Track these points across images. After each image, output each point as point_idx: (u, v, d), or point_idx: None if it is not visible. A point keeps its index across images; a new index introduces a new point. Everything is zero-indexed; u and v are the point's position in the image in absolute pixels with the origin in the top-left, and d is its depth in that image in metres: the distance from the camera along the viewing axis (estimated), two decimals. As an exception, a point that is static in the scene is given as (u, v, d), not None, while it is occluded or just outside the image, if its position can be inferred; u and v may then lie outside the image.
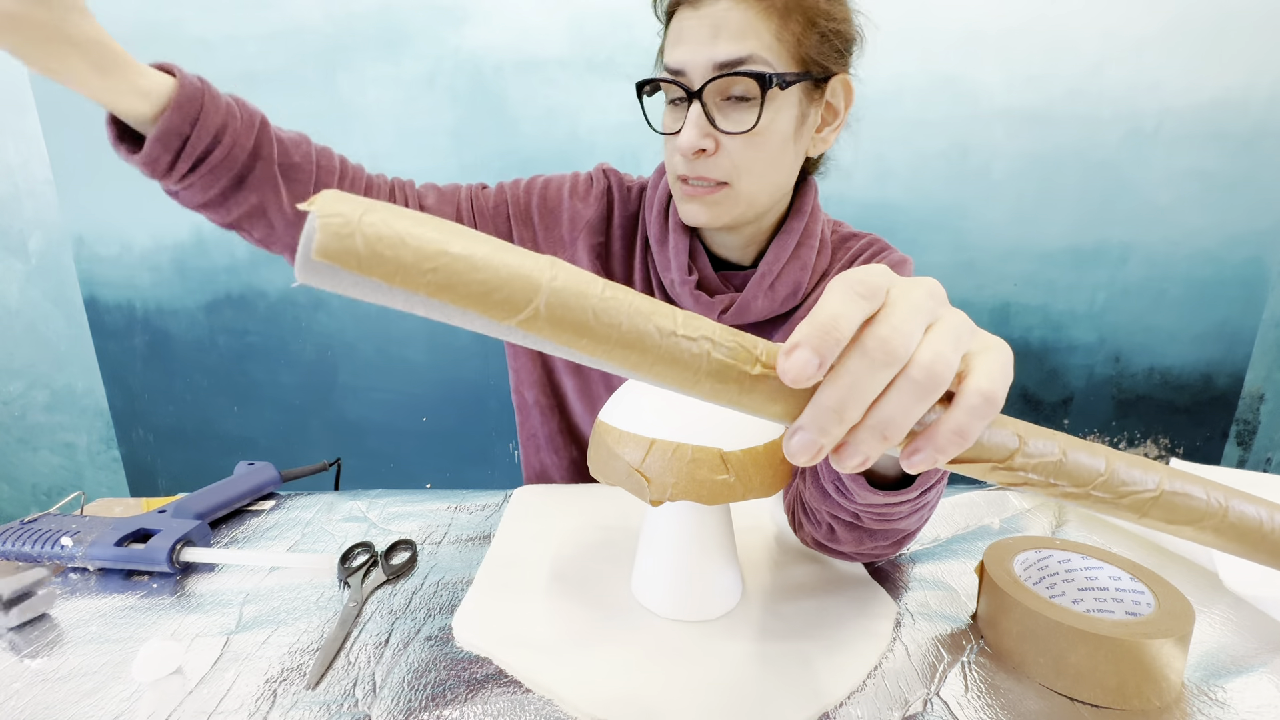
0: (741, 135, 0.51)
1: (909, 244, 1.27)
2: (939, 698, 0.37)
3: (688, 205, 0.56)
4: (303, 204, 0.18)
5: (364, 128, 1.27)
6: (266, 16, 1.23)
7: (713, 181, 0.54)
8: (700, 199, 0.55)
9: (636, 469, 0.39)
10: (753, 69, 0.49)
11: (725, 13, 0.49)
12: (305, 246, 0.18)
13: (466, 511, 0.60)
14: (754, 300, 0.59)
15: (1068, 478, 0.24)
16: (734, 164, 0.53)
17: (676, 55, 0.52)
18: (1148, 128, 1.21)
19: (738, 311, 0.60)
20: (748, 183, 0.54)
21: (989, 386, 0.22)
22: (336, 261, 0.18)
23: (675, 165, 0.55)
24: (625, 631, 0.42)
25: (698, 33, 0.50)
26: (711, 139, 0.52)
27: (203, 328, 1.39)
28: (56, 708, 0.36)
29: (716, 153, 0.53)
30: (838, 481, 0.42)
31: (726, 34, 0.49)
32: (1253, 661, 0.40)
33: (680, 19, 0.52)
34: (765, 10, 0.49)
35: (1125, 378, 1.35)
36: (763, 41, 0.50)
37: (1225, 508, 0.26)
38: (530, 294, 0.19)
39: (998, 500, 0.62)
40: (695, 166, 0.53)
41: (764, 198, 0.56)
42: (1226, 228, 1.25)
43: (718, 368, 0.21)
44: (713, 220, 0.56)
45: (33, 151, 1.39)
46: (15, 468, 1.62)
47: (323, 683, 0.38)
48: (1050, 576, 0.45)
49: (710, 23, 0.50)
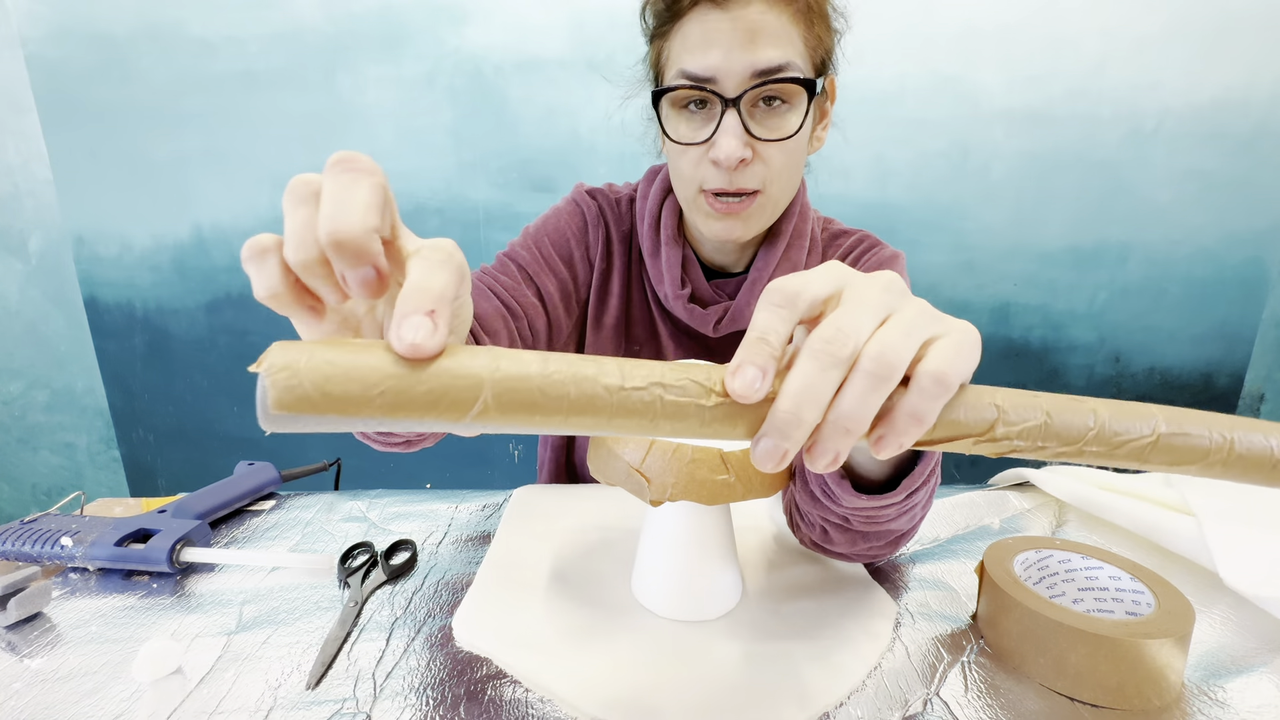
0: (780, 144, 0.50)
1: (909, 244, 1.27)
2: (939, 698, 0.37)
3: (720, 223, 0.53)
4: (251, 366, 0.20)
5: (364, 127, 1.27)
6: (267, 16, 1.23)
7: (748, 192, 0.51)
8: (736, 215, 0.52)
9: (636, 469, 0.39)
10: (794, 75, 0.48)
11: (761, 15, 0.47)
12: (262, 402, 0.19)
13: (466, 511, 0.60)
14: (747, 306, 0.58)
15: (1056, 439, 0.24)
16: (769, 172, 0.51)
17: (707, 61, 0.48)
18: (1148, 127, 1.21)
19: (732, 319, 0.59)
20: (777, 189, 0.53)
21: (939, 367, 0.22)
22: (293, 410, 0.19)
23: (704, 179, 0.52)
24: (625, 631, 0.42)
25: (731, 36, 0.47)
26: (750, 148, 0.49)
27: (203, 328, 1.39)
28: (56, 708, 0.36)
29: (753, 162, 0.50)
30: (824, 485, 0.41)
31: (765, 39, 0.47)
32: (1253, 661, 0.40)
33: (700, 20, 0.48)
34: (796, 14, 0.48)
35: (1125, 378, 1.35)
36: (795, 47, 0.48)
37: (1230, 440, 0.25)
38: (475, 391, 0.21)
39: (998, 500, 0.62)
40: (733, 179, 0.51)
41: (785, 201, 0.55)
42: (1226, 227, 1.25)
43: (673, 410, 0.22)
44: (747, 234, 0.54)
45: (33, 151, 1.39)
46: (15, 468, 1.62)
47: (323, 683, 0.38)
48: (1050, 576, 0.45)
49: (745, 26, 0.47)
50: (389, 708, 0.36)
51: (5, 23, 1.31)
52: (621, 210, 0.64)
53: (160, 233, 1.35)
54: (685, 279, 0.60)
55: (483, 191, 1.30)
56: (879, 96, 1.22)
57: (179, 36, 1.24)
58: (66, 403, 1.56)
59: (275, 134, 1.28)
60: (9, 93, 1.37)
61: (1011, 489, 0.65)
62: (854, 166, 1.25)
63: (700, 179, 0.52)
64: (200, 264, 1.36)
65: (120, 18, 1.23)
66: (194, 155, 1.30)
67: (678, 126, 0.52)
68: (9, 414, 1.57)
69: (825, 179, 1.33)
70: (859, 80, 1.21)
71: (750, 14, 0.47)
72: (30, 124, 1.36)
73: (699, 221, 0.55)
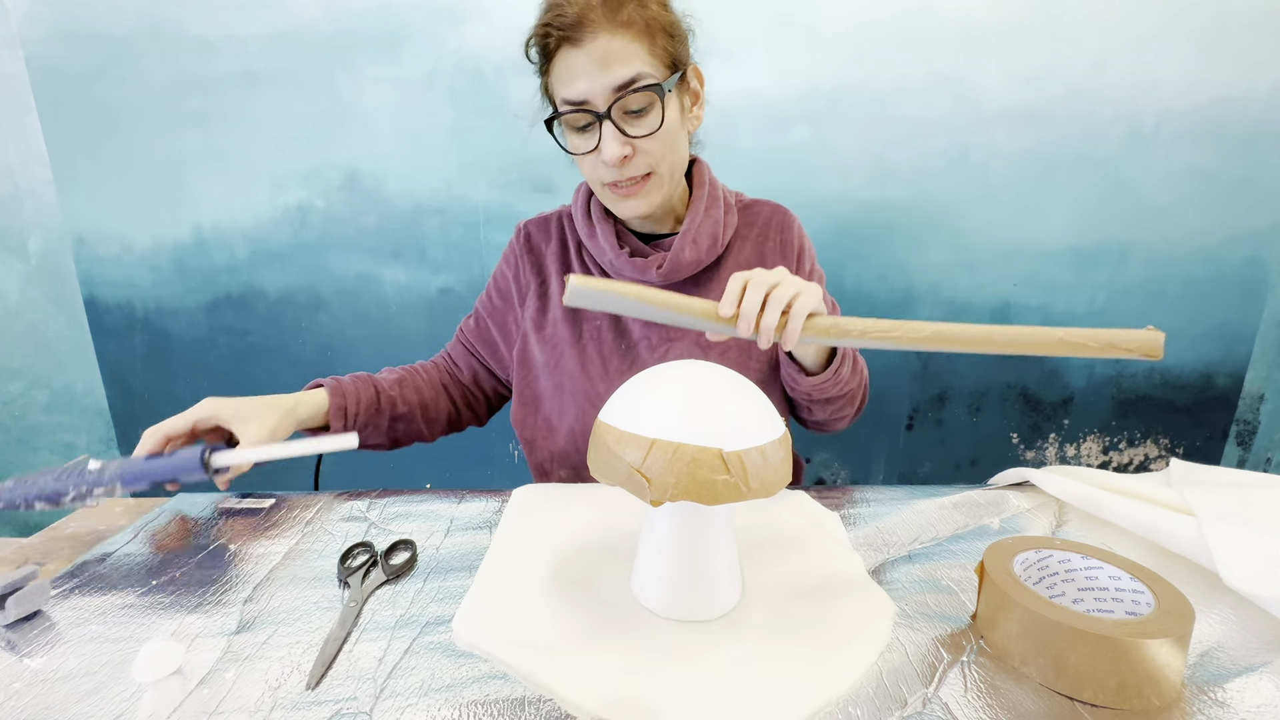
0: (651, 136, 0.63)
1: (909, 243, 1.27)
2: (938, 698, 0.37)
3: (624, 204, 0.68)
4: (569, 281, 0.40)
5: (364, 127, 1.27)
6: (266, 16, 1.23)
7: (639, 177, 0.66)
8: (634, 195, 0.67)
9: (637, 469, 0.39)
10: (645, 84, 0.61)
11: (608, 44, 0.60)
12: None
13: (466, 511, 0.60)
14: (682, 252, 0.71)
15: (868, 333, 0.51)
16: (652, 158, 0.65)
17: (576, 88, 0.61)
18: (1147, 127, 1.21)
19: (671, 264, 0.71)
20: (665, 167, 0.67)
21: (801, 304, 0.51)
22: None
23: (601, 175, 0.66)
24: (625, 631, 0.42)
25: (589, 66, 0.60)
26: (629, 145, 0.63)
27: (203, 328, 1.39)
28: (56, 708, 0.36)
29: (635, 156, 0.64)
30: (790, 375, 0.69)
31: (616, 61, 0.60)
32: (1253, 661, 0.40)
33: (566, 58, 0.62)
34: (636, 34, 0.61)
35: (1125, 378, 1.35)
36: (642, 60, 0.61)
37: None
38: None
39: (997, 500, 0.62)
40: (622, 171, 0.65)
41: (677, 174, 0.70)
42: (1226, 227, 1.25)
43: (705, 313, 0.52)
44: (649, 207, 0.68)
45: (33, 151, 1.39)
46: (15, 468, 1.61)
47: (323, 683, 0.38)
48: (1050, 576, 0.45)
49: (598, 55, 0.60)
50: (389, 708, 0.36)
51: (5, 23, 1.31)
52: (551, 227, 0.80)
53: (160, 233, 1.35)
54: (623, 243, 0.74)
55: (483, 191, 1.30)
56: (878, 96, 1.22)
57: (179, 36, 1.24)
58: (66, 403, 1.56)
59: (275, 134, 1.28)
60: (9, 93, 1.37)
61: (1011, 489, 0.65)
62: (853, 166, 1.25)
63: (600, 176, 0.67)
64: (200, 264, 1.36)
65: (120, 18, 1.23)
66: (194, 155, 1.30)
67: (573, 141, 0.66)
68: (9, 414, 1.57)
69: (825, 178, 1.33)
70: (859, 80, 1.21)
71: (599, 45, 0.60)
72: (30, 124, 1.36)
73: (611, 206, 0.70)
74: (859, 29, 1.19)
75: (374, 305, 1.36)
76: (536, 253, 0.80)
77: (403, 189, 1.30)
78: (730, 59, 1.20)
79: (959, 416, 1.38)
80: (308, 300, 1.36)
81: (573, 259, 0.78)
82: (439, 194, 1.30)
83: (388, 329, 1.38)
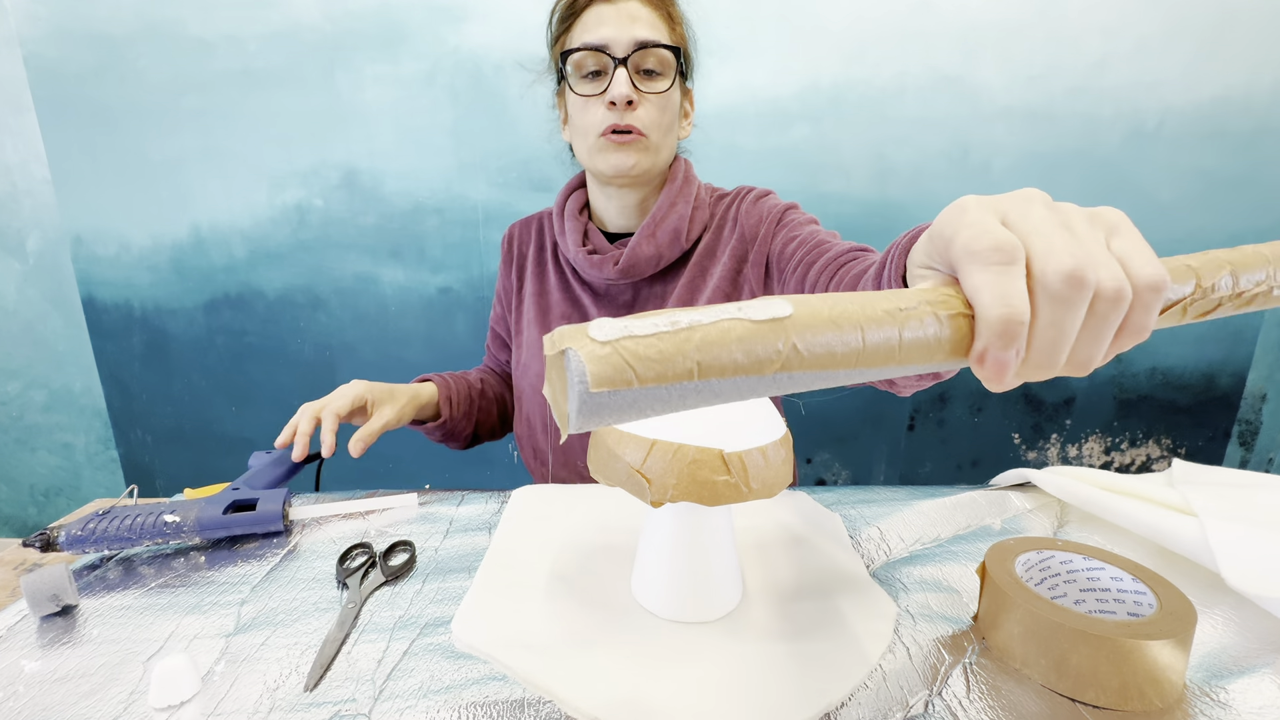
0: (657, 96, 0.67)
1: (909, 243, 1.27)
2: (940, 699, 0.37)
3: (614, 155, 0.68)
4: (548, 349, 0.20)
5: (363, 127, 1.27)
6: (266, 16, 1.23)
7: (636, 131, 0.67)
8: (626, 146, 0.68)
9: (637, 470, 0.39)
10: (665, 44, 0.66)
11: (638, 8, 0.66)
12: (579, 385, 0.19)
13: (466, 512, 0.60)
14: (640, 245, 0.71)
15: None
16: (650, 119, 0.67)
17: (600, 34, 0.65)
18: (1149, 126, 1.21)
19: (629, 258, 0.71)
20: (656, 135, 0.69)
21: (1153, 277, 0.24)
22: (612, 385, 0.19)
23: (601, 121, 0.67)
24: (625, 632, 0.42)
25: (617, 19, 0.65)
26: (636, 92, 0.66)
27: (201, 328, 1.39)
28: (57, 708, 0.36)
29: (637, 108, 0.67)
30: None
31: (642, 23, 0.66)
32: (1255, 662, 0.40)
33: (595, 12, 0.66)
34: (664, 15, 0.67)
35: (1127, 378, 1.35)
36: (663, 34, 0.67)
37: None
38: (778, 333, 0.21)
39: (999, 501, 0.62)
40: (623, 117, 0.66)
41: (665, 153, 0.71)
42: (1228, 226, 1.25)
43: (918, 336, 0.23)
44: (636, 165, 0.69)
45: (31, 151, 1.39)
46: (13, 468, 1.61)
47: (321, 684, 0.38)
48: (1052, 577, 0.44)
49: (628, 13, 0.65)
50: (388, 709, 0.36)
51: (4, 22, 1.31)
52: (533, 228, 0.83)
53: (158, 232, 1.35)
54: (587, 240, 0.75)
55: (482, 191, 1.30)
56: (879, 95, 1.22)
57: (178, 36, 1.24)
58: (64, 403, 1.56)
59: (274, 133, 1.28)
60: (7, 92, 1.36)
61: (1013, 489, 0.65)
62: (854, 165, 1.25)
63: (599, 123, 0.67)
64: (198, 264, 1.35)
65: (119, 17, 1.23)
66: (192, 155, 1.30)
67: (581, 86, 0.68)
68: (7, 414, 1.57)
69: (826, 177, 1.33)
70: (860, 79, 1.21)
71: (630, 7, 0.66)
72: (28, 123, 1.36)
73: (599, 162, 0.69)
74: (860, 28, 1.19)
75: (373, 305, 1.36)
76: (519, 255, 0.83)
77: (402, 188, 1.30)
78: (731, 58, 1.20)
79: (960, 417, 1.38)
80: (306, 300, 1.36)
81: (548, 259, 0.81)
82: (438, 193, 1.30)
83: (386, 328, 1.38)
